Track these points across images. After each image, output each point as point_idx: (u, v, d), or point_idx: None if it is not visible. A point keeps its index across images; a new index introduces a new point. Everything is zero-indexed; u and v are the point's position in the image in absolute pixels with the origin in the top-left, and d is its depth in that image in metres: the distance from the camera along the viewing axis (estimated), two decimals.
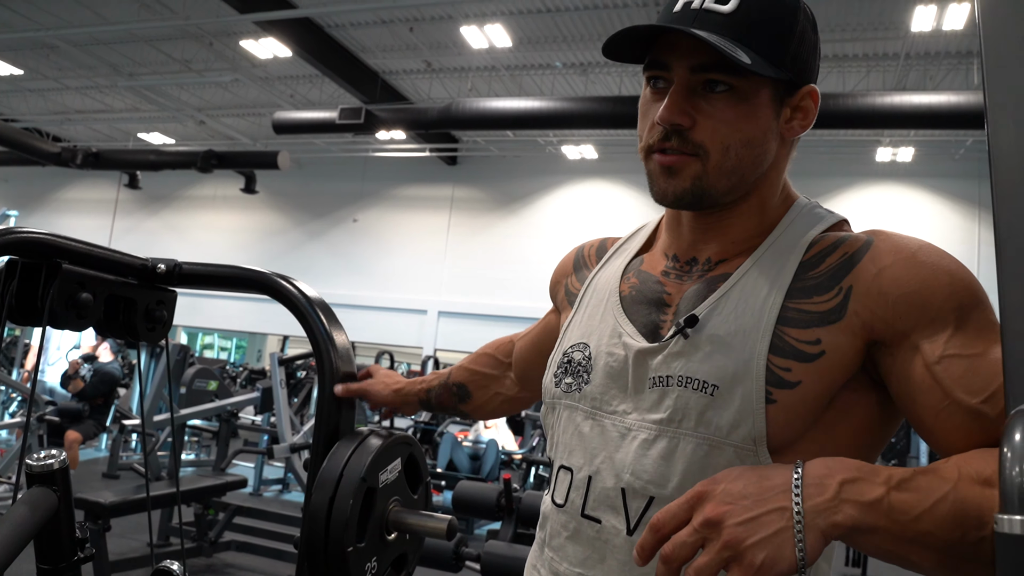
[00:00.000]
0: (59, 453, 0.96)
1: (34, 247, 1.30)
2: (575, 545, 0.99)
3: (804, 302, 0.90)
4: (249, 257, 18.43)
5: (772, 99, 0.94)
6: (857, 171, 14.68)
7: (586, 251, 1.22)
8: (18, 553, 0.83)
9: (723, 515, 0.70)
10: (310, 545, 1.25)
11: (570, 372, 1.04)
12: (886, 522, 0.70)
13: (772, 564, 0.69)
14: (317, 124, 13.23)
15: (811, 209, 1.02)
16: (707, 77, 0.91)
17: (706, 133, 0.92)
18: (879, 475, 0.73)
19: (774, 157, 0.98)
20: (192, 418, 5.45)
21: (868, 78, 11.94)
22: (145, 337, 1.51)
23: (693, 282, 0.99)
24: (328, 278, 17.53)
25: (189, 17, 11.73)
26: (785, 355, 0.88)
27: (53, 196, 20.87)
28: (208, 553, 4.91)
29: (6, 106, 17.70)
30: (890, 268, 0.88)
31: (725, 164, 0.93)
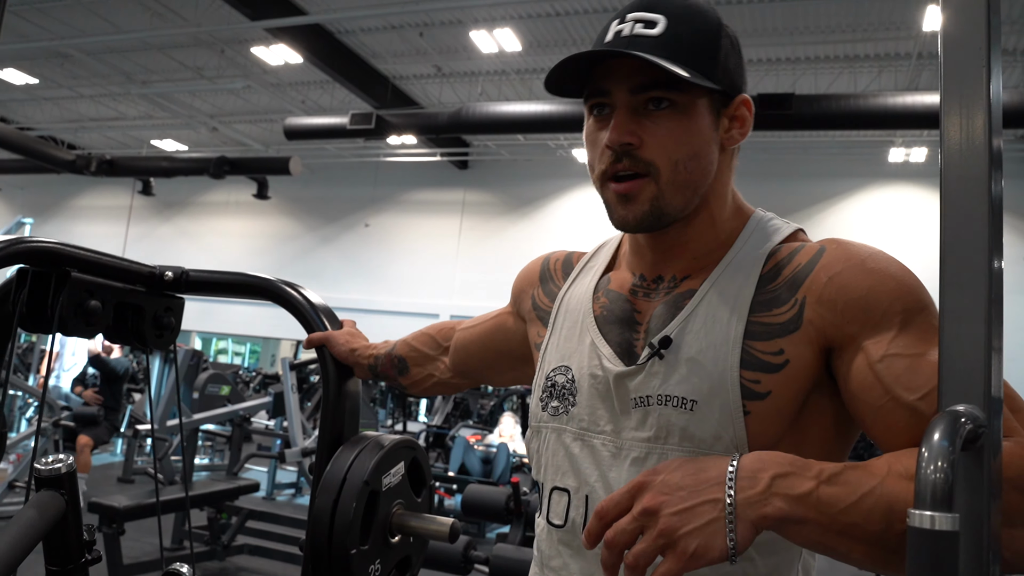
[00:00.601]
0: (67, 457, 0.98)
1: (44, 256, 1.32)
2: (579, 562, 1.01)
3: (765, 315, 0.94)
4: (262, 262, 18.52)
5: (710, 111, 0.98)
6: (869, 172, 14.62)
7: (552, 264, 1.24)
8: (26, 555, 0.85)
9: (660, 505, 0.74)
10: (314, 547, 1.27)
11: (555, 396, 1.07)
12: (815, 514, 0.73)
13: (704, 552, 0.73)
14: (328, 130, 13.30)
15: (767, 221, 1.05)
16: (648, 96, 0.95)
17: (654, 151, 0.95)
18: (811, 469, 0.76)
19: (717, 168, 1.01)
20: (204, 423, 5.49)
21: (880, 78, 11.90)
22: (154, 343, 1.53)
23: (660, 299, 1.02)
24: (340, 283, 17.60)
25: (201, 25, 11.82)
26: (753, 368, 0.92)
27: (68, 203, 21.03)
28: (221, 557, 4.94)
29: (22, 115, 17.87)
30: (839, 275, 0.91)
31: (677, 179, 0.96)
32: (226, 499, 4.76)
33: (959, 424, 0.57)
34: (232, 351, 24.47)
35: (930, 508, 0.54)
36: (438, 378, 1.40)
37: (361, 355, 1.38)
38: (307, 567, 1.32)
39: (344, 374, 1.43)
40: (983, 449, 0.60)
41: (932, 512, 0.54)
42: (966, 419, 0.59)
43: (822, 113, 10.57)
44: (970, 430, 0.59)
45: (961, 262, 0.61)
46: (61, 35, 13.01)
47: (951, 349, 0.61)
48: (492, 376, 1.34)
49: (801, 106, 10.50)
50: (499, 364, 1.29)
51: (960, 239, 0.61)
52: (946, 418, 0.58)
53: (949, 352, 0.61)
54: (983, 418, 0.59)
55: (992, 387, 0.60)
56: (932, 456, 0.55)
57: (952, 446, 0.56)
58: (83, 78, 15.02)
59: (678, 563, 0.72)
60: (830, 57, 11.65)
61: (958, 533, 0.54)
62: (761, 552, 0.93)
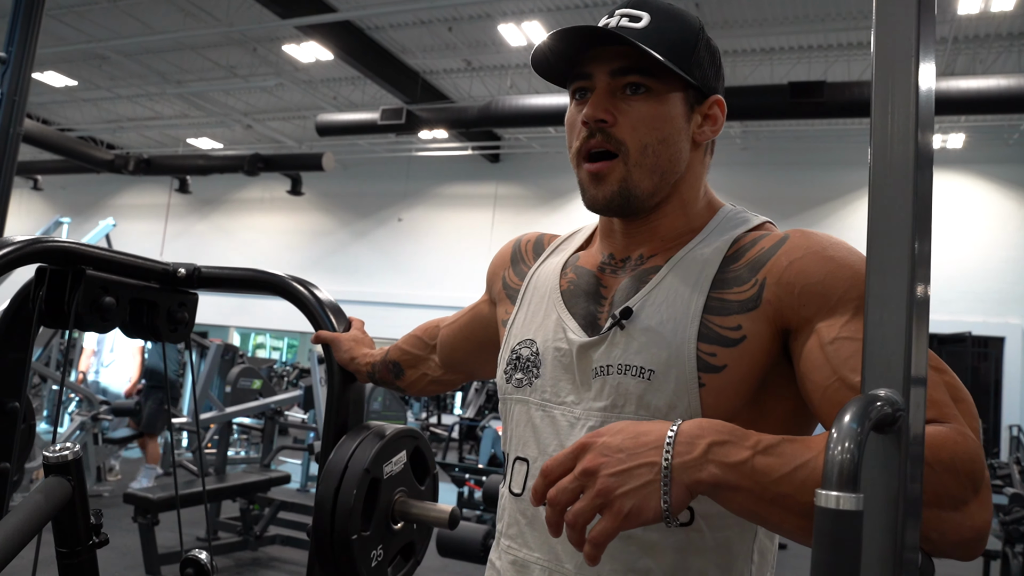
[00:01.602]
0: (73, 445, 1.03)
1: (60, 255, 1.38)
2: (533, 531, 1.05)
3: (726, 292, 0.97)
4: (297, 258, 18.74)
5: (684, 103, 1.03)
6: None
7: (523, 245, 1.28)
8: (31, 537, 0.90)
9: (599, 466, 0.77)
10: (317, 533, 1.31)
11: (520, 368, 1.10)
12: (748, 483, 0.75)
13: (638, 512, 0.75)
14: (359, 125, 13.40)
15: (737, 213, 1.09)
16: (626, 80, 1.01)
17: (626, 131, 1.01)
18: (748, 439, 0.77)
19: (689, 160, 1.06)
20: (235, 416, 5.60)
21: None
22: (168, 337, 1.59)
23: (627, 275, 1.07)
24: (373, 277, 17.75)
25: (233, 24, 11.98)
26: (711, 341, 0.95)
27: (108, 202, 21.43)
28: (254, 547, 5.04)
29: (62, 116, 18.24)
30: (800, 260, 0.95)
31: (645, 161, 1.01)
32: (258, 490, 4.85)
33: (870, 407, 0.59)
34: (270, 346, 24.78)
35: (836, 488, 0.56)
36: (431, 376, 1.44)
37: (359, 364, 1.43)
38: (313, 552, 1.37)
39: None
40: (901, 432, 0.61)
41: (838, 492, 0.56)
42: (883, 403, 0.61)
43: (855, 100, 10.43)
44: (888, 414, 0.60)
45: (884, 249, 0.62)
46: (98, 37, 13.26)
47: (873, 334, 0.63)
48: (478, 366, 1.37)
49: (833, 93, 10.38)
50: (482, 354, 1.33)
51: (884, 228, 0.63)
52: (858, 402, 0.60)
53: (871, 337, 0.63)
54: (901, 402, 0.61)
55: (912, 372, 0.62)
56: (840, 437, 0.57)
57: (861, 428, 0.58)
58: (120, 79, 15.30)
59: (613, 522, 0.75)
60: (863, 43, 11.48)
61: (861, 513, 0.56)
62: (711, 526, 0.95)
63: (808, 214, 14.42)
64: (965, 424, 0.78)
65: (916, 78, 0.61)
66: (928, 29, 0.62)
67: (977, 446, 0.76)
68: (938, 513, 0.72)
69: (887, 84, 0.62)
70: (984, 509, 0.74)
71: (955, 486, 0.73)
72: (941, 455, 0.73)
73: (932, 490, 0.72)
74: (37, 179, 21.65)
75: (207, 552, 1.59)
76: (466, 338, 1.34)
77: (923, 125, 0.61)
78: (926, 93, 0.62)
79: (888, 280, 0.62)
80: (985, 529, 0.74)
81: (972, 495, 0.74)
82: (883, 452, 0.63)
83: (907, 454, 0.61)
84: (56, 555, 1.03)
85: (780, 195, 14.08)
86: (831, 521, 0.57)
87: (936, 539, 0.73)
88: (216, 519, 5.25)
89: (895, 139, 0.61)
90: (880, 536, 0.63)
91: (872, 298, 0.62)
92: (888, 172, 0.62)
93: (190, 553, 1.59)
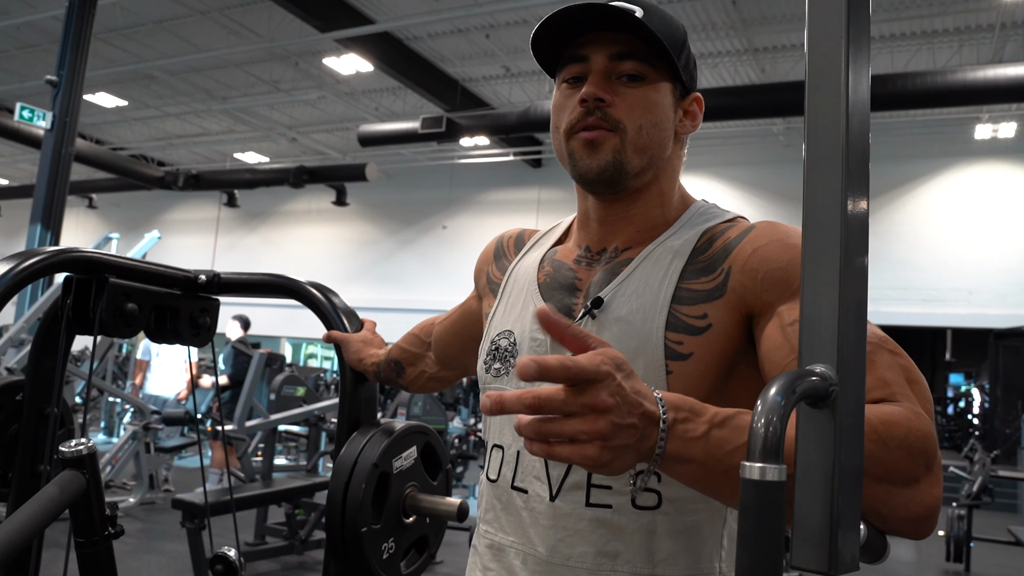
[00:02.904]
0: (87, 440, 1.09)
1: (84, 264, 1.45)
2: (508, 516, 1.08)
3: (693, 283, 1.00)
4: (343, 268, 18.99)
5: (672, 95, 1.07)
6: (954, 151, 14.11)
7: (505, 241, 1.33)
8: (46, 525, 0.96)
9: (608, 409, 0.70)
10: (329, 527, 1.35)
11: (498, 358, 1.13)
12: (701, 455, 0.75)
13: (607, 466, 0.71)
14: (401, 135, 13.57)
15: (709, 208, 1.12)
16: (624, 65, 1.04)
17: (623, 111, 1.04)
18: (706, 413, 0.77)
19: (670, 152, 1.10)
20: (279, 423, 5.70)
21: (961, 53, 11.48)
22: (190, 341, 1.65)
23: (601, 268, 1.09)
24: (420, 285, 17.90)
25: (274, 40, 12.22)
26: (678, 330, 0.98)
27: (160, 218, 21.96)
28: (299, 551, 5.13)
29: (114, 135, 18.76)
30: (763, 248, 0.97)
31: (639, 140, 1.04)
32: (302, 495, 4.93)
33: (796, 381, 0.61)
34: (321, 355, 25.11)
35: (760, 460, 0.58)
36: (429, 373, 1.48)
37: (366, 364, 1.48)
38: (327, 546, 1.41)
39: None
40: (835, 407, 0.63)
41: (761, 463, 0.58)
42: (814, 377, 0.62)
43: (898, 92, 10.26)
44: (819, 388, 0.62)
45: (817, 225, 0.63)
46: (146, 58, 13.64)
47: (808, 311, 0.64)
48: (472, 362, 1.40)
49: (875, 86, 10.21)
50: (474, 349, 1.36)
51: (816, 201, 0.64)
52: (784, 376, 0.61)
53: (806, 314, 0.64)
54: (834, 377, 0.63)
55: (845, 349, 0.63)
56: (764, 410, 0.59)
57: (785, 401, 0.59)
58: (168, 97, 15.70)
59: (585, 461, 0.70)
60: (906, 34, 11.30)
61: (783, 483, 0.58)
62: (678, 510, 0.97)
63: None
64: (918, 404, 0.80)
65: (847, 67, 0.63)
66: (860, 19, 0.64)
67: (930, 425, 0.77)
68: (889, 489, 0.73)
69: (820, 71, 0.64)
70: (935, 486, 0.75)
71: (908, 462, 0.74)
72: (894, 431, 0.74)
73: (884, 465, 0.73)
74: (92, 197, 22.31)
75: (235, 550, 1.65)
76: (457, 334, 1.38)
77: (854, 112, 0.63)
78: (860, 89, 0.64)
79: (821, 258, 0.63)
80: (935, 506, 0.75)
81: (924, 472, 0.75)
82: (817, 426, 0.65)
83: (841, 428, 0.62)
84: (75, 545, 1.09)
85: None
86: (754, 491, 0.58)
87: (887, 514, 0.74)
88: (263, 524, 5.35)
89: (827, 110, 0.64)
90: (816, 508, 0.64)
91: (807, 275, 0.64)
92: (819, 140, 0.64)
93: (220, 551, 1.66)
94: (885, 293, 13.99)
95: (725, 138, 15.12)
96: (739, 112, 11.83)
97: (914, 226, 14.15)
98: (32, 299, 7.91)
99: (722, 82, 12.85)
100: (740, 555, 0.60)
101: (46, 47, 13.39)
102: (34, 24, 12.72)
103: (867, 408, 0.72)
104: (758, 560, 0.60)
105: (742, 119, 13.31)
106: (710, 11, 11.00)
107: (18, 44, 13.87)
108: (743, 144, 15.26)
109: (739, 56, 12.28)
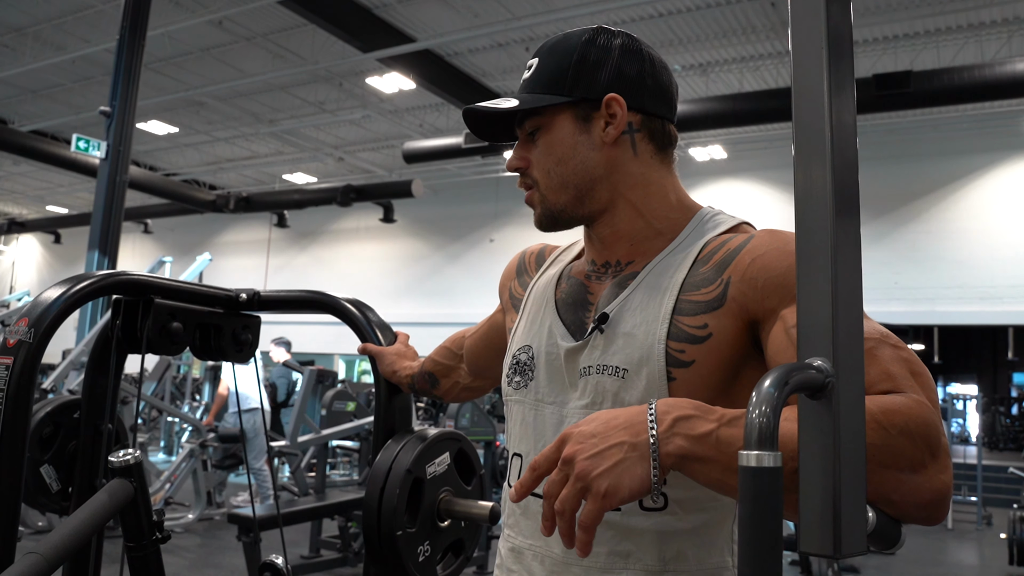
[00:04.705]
0: (134, 450, 1.16)
1: (131, 286, 1.54)
2: (526, 520, 1.13)
3: (694, 294, 1.04)
4: (392, 284, 19.19)
5: (575, 120, 1.13)
6: (1004, 145, 13.76)
7: (527, 257, 1.39)
8: (97, 529, 1.03)
9: (575, 453, 0.82)
10: (366, 531, 1.41)
11: (519, 372, 1.20)
12: (714, 453, 0.79)
13: (615, 490, 0.80)
14: (444, 151, 13.72)
15: (713, 216, 1.15)
16: (526, 127, 1.16)
17: (535, 166, 1.16)
18: (714, 413, 0.82)
19: (612, 162, 1.13)
20: (331, 438, 5.81)
21: (1010, 44, 11.23)
22: (234, 358, 1.73)
23: (609, 282, 1.15)
24: (469, 299, 17.99)
25: (318, 62, 12.46)
26: (680, 339, 1.02)
27: (212, 241, 22.43)
28: (353, 563, 5.21)
29: (166, 161, 19.25)
30: (762, 256, 1.00)
31: (551, 183, 1.15)
32: (354, 508, 5.02)
33: (790, 374, 0.64)
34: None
35: (756, 448, 0.62)
36: (463, 384, 1.55)
37: (400, 376, 1.54)
38: (366, 550, 1.47)
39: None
40: (832, 398, 0.66)
41: (757, 451, 0.62)
42: (810, 369, 0.66)
43: (944, 87, 10.09)
44: (815, 380, 0.65)
45: (809, 223, 0.67)
46: (195, 85, 14.01)
47: (804, 306, 0.68)
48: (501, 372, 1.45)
49: (920, 82, 10.07)
50: (502, 360, 1.41)
51: (808, 202, 0.67)
52: (778, 369, 0.65)
53: (803, 309, 0.68)
54: (830, 369, 0.66)
55: (840, 342, 0.66)
56: (759, 401, 0.63)
57: (778, 393, 0.63)
58: (217, 122, 16.09)
59: (595, 503, 0.79)
60: (952, 28, 11.09)
61: (779, 469, 0.61)
62: (685, 509, 1.00)
63: (906, 209, 13.95)
64: (922, 394, 0.82)
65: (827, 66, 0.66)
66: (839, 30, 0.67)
67: (932, 412, 0.79)
68: (896, 475, 0.76)
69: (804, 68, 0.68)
70: (943, 472, 0.77)
71: (910, 449, 0.76)
72: (895, 419, 0.76)
73: (888, 453, 0.76)
74: (147, 223, 22.92)
75: (283, 558, 1.72)
76: (487, 346, 1.45)
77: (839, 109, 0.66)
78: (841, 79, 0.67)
79: (815, 254, 0.66)
80: (945, 491, 0.77)
81: (929, 458, 0.77)
82: (816, 416, 0.68)
83: (839, 417, 0.65)
84: (125, 550, 1.16)
85: (875, 193, 13.64)
86: (752, 478, 0.62)
87: (897, 500, 0.76)
88: (318, 537, 5.45)
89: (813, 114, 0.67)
90: (818, 495, 0.67)
91: (801, 272, 0.67)
92: (809, 145, 0.67)
93: (268, 559, 1.72)
94: (941, 292, 13.70)
95: (769, 141, 14.97)
96: (782, 114, 11.72)
97: (968, 223, 13.84)
98: (92, 323, 8.17)
99: (764, 85, 12.74)
100: (741, 539, 0.64)
101: (99, 79, 13.83)
102: (87, 57, 13.15)
103: (869, 398, 0.76)
104: (758, 543, 0.63)
105: (785, 121, 13.17)
106: (749, 14, 10.94)
107: (73, 77, 14.35)
108: (786, 146, 14.95)
109: (780, 58, 12.17)
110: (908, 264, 13.73)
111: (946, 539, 8.34)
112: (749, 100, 11.57)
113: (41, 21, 12.42)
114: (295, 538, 5.81)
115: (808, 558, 5.71)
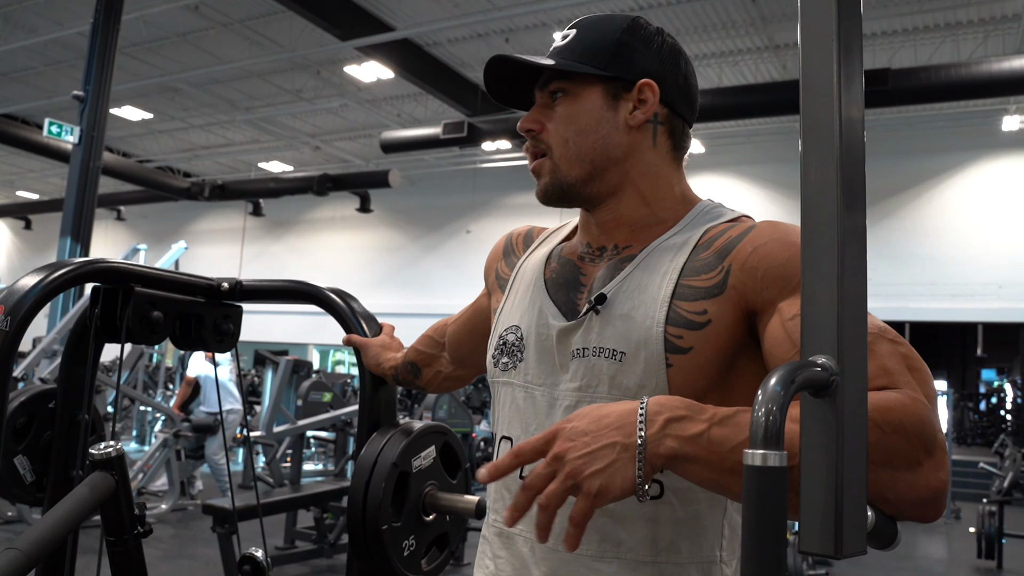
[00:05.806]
0: (116, 443, 1.13)
1: (111, 274, 1.50)
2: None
3: (694, 279, 1.02)
4: (369, 274, 19.11)
5: (605, 95, 1.11)
6: (981, 143, 13.94)
7: (514, 239, 1.36)
8: (78, 524, 1.00)
9: (566, 451, 0.81)
10: (351, 525, 1.39)
11: (506, 352, 1.17)
12: (705, 453, 0.79)
13: (606, 490, 0.79)
14: (422, 141, 13.66)
15: (714, 207, 1.14)
16: (550, 88, 1.13)
17: (551, 131, 1.12)
18: (705, 413, 0.82)
19: (630, 145, 1.11)
20: (306, 429, 5.77)
21: (986, 44, 11.36)
22: (215, 348, 1.69)
23: (604, 264, 1.12)
24: (446, 290, 17.96)
25: (296, 49, 12.35)
26: (678, 325, 1.00)
27: (187, 228, 22.21)
28: (328, 555, 5.18)
29: (140, 148, 19.02)
30: (763, 246, 0.99)
31: (567, 153, 1.11)
32: (330, 499, 4.99)
33: (796, 372, 0.63)
34: (348, 362, 25.26)
35: (761, 447, 0.61)
36: (445, 373, 1.51)
37: (384, 367, 1.51)
38: (349, 544, 1.45)
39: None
40: (836, 395, 0.65)
41: (763, 450, 0.61)
42: (815, 367, 0.65)
43: (922, 86, 10.19)
44: (820, 378, 0.64)
45: (815, 221, 0.65)
46: (170, 71, 13.84)
47: (808, 304, 0.67)
48: (485, 360, 1.43)
49: (899, 80, 10.15)
50: (485, 347, 1.39)
51: (814, 198, 0.66)
52: (784, 367, 0.64)
53: (807, 307, 0.67)
54: (835, 367, 0.65)
55: (845, 340, 0.65)
56: (764, 400, 0.61)
57: (784, 391, 0.62)
58: (192, 109, 15.90)
59: (586, 501, 0.79)
60: (929, 27, 11.20)
61: (785, 469, 0.60)
62: (680, 499, 0.99)
63: (880, 206, 14.07)
64: (918, 390, 0.81)
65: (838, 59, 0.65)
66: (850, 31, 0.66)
67: (927, 409, 0.79)
68: (892, 473, 0.75)
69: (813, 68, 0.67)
70: (938, 470, 0.77)
71: (905, 446, 0.76)
72: (890, 417, 0.76)
73: (883, 450, 0.75)
74: (120, 210, 22.62)
75: (263, 550, 1.69)
76: (470, 332, 1.41)
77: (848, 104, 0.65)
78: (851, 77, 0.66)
79: (820, 252, 0.65)
80: (941, 489, 0.77)
81: (925, 456, 0.76)
82: (820, 415, 0.67)
83: (843, 416, 0.64)
84: (106, 544, 1.13)
85: None
86: (757, 477, 0.61)
87: (893, 499, 0.76)
88: (293, 528, 5.41)
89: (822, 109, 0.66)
90: (821, 495, 0.66)
91: (806, 268, 0.66)
92: (817, 141, 0.66)
93: (247, 551, 1.70)
94: (914, 289, 13.86)
95: (748, 136, 15.05)
96: (761, 110, 11.79)
97: (942, 220, 14.01)
98: (64, 311, 8.06)
99: (743, 80, 12.79)
100: (745, 539, 0.63)
101: (72, 63, 13.62)
102: (60, 41, 12.95)
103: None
104: (763, 544, 0.62)
105: (764, 116, 13.24)
106: (730, 9, 10.97)
107: (45, 61, 14.12)
108: (765, 141, 15.17)
109: (760, 53, 12.23)
110: (881, 260, 13.87)
111: (916, 533, 8.44)
112: (728, 95, 11.61)
113: (12, 2, 12.19)
114: (269, 529, 5.77)
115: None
